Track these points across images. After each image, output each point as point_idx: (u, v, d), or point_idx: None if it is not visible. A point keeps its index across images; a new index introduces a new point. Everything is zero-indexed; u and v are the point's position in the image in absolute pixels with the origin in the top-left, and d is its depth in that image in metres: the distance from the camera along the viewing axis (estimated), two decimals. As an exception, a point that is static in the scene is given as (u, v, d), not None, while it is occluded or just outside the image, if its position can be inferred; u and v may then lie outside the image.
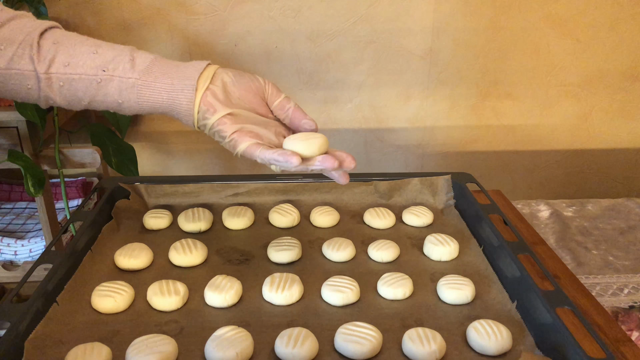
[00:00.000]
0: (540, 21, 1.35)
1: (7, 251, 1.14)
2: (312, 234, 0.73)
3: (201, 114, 0.56)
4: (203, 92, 0.56)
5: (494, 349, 0.51)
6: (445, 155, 1.50)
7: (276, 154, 0.52)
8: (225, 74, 0.58)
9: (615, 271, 0.98)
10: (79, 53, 0.55)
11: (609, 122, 1.48)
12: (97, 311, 0.57)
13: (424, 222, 0.75)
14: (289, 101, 0.60)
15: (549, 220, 1.16)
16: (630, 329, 0.83)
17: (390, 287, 0.60)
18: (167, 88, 0.55)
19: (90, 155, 1.09)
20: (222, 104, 0.56)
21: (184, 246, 0.66)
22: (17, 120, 1.01)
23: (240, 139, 0.55)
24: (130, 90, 0.55)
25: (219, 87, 0.57)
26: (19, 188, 1.33)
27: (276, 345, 0.51)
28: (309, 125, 0.59)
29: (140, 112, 0.57)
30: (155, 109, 0.56)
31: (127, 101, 0.55)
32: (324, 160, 0.52)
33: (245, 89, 0.58)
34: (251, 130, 0.56)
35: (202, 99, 0.55)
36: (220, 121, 0.55)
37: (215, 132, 0.56)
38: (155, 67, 0.55)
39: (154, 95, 0.55)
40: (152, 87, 0.55)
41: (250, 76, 0.59)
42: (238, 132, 0.55)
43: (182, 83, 0.55)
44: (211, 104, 0.55)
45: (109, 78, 0.54)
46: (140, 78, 0.55)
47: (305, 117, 0.59)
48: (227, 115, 0.56)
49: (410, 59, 1.37)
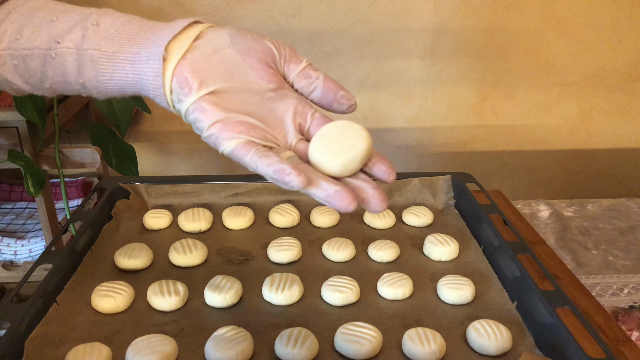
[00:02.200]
0: (540, 21, 1.35)
1: (7, 251, 1.14)
2: (312, 234, 0.73)
3: (175, 94, 0.40)
4: (177, 62, 0.40)
5: (494, 349, 0.51)
6: (445, 155, 1.50)
7: (271, 168, 0.37)
8: (218, 36, 0.42)
9: (615, 271, 0.98)
10: (33, 22, 0.42)
11: (609, 122, 1.48)
12: (97, 311, 0.57)
13: (424, 222, 0.75)
14: (314, 69, 0.44)
15: (549, 220, 1.16)
16: (630, 329, 0.83)
17: (390, 287, 0.60)
18: (131, 58, 0.41)
19: (90, 155, 1.09)
20: (202, 80, 0.40)
21: (184, 246, 0.66)
22: (17, 120, 1.01)
23: (223, 136, 0.39)
24: (89, 65, 0.41)
25: (203, 55, 0.41)
26: (18, 188, 1.33)
27: (276, 345, 0.51)
28: (346, 100, 0.43)
29: (109, 94, 0.43)
30: (123, 89, 0.42)
31: (88, 80, 0.42)
32: (334, 198, 0.37)
33: (247, 53, 0.42)
34: (241, 121, 0.40)
35: (176, 73, 0.40)
36: (197, 105, 0.40)
37: (191, 122, 0.41)
38: (121, 32, 0.41)
39: (116, 71, 0.41)
40: (113, 59, 0.41)
41: (255, 35, 0.43)
42: (221, 123, 0.40)
43: (149, 51, 0.40)
44: (186, 79, 0.40)
45: (64, 51, 0.41)
46: (101, 48, 0.41)
47: (341, 89, 0.43)
48: (207, 96, 0.40)
49: (410, 59, 1.37)
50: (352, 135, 0.40)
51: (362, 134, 0.40)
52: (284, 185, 0.37)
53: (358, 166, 0.39)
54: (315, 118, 0.43)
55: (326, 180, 0.38)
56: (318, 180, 0.38)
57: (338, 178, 0.39)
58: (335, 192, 0.37)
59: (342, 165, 0.39)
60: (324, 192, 0.37)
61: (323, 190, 0.37)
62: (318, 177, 0.38)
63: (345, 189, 0.37)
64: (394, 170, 0.40)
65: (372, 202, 0.38)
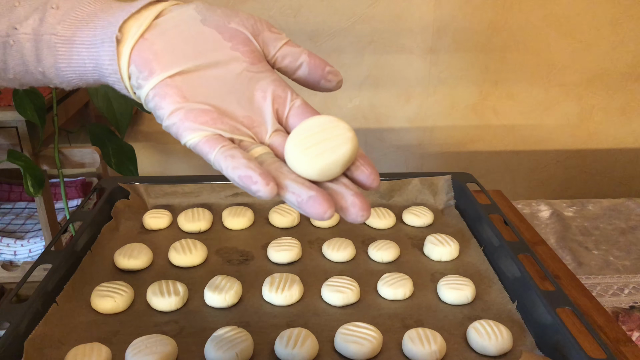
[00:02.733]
0: (541, 21, 1.35)
1: (6, 251, 1.13)
2: (312, 234, 0.73)
3: (134, 78, 0.36)
4: (135, 42, 0.36)
5: (494, 349, 0.51)
6: (445, 155, 1.50)
7: (236, 173, 0.33)
8: (183, 11, 0.38)
9: (616, 271, 0.97)
10: None
11: (609, 122, 1.48)
12: (97, 311, 0.57)
13: (424, 222, 0.75)
14: (296, 45, 0.40)
15: (550, 220, 1.16)
16: (631, 329, 0.82)
17: (390, 288, 0.60)
18: (87, 42, 0.37)
19: (89, 155, 1.09)
20: (164, 61, 0.35)
21: (184, 246, 0.66)
22: (16, 120, 1.01)
23: (185, 126, 0.35)
24: (47, 51, 0.37)
25: (166, 33, 0.36)
26: (18, 188, 1.33)
27: (276, 345, 0.51)
28: (334, 75, 0.40)
29: (71, 83, 0.39)
30: (83, 76, 0.38)
31: (48, 68, 0.38)
32: (307, 204, 0.33)
33: (218, 29, 0.37)
34: (206, 109, 0.35)
35: (134, 55, 0.36)
36: (157, 90, 0.35)
37: (152, 111, 0.37)
38: (80, 14, 0.37)
39: (73, 57, 0.37)
40: (70, 44, 0.37)
41: (227, 10, 0.39)
42: (183, 111, 0.35)
43: (104, 33, 0.36)
44: (146, 62, 0.35)
45: (22, 37, 0.37)
46: (57, 33, 0.37)
47: (327, 64, 0.40)
48: (169, 80, 0.35)
49: (410, 58, 1.37)
50: (336, 135, 0.35)
51: (347, 135, 0.35)
52: (252, 194, 0.33)
53: (339, 171, 0.35)
54: (296, 105, 0.39)
55: (300, 184, 0.34)
56: (290, 183, 0.34)
57: (316, 182, 0.35)
58: (310, 198, 0.32)
59: (321, 170, 0.34)
60: (296, 197, 0.33)
61: (296, 195, 0.33)
62: (291, 179, 0.34)
63: (320, 194, 0.33)
64: (378, 176, 0.36)
65: (351, 211, 0.34)
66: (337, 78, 0.40)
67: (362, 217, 0.34)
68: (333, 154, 0.34)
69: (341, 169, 0.35)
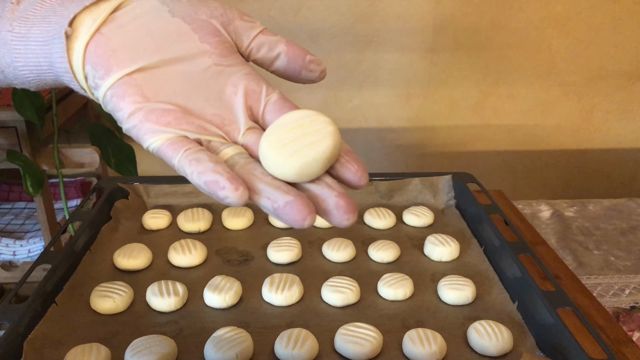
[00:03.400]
0: (541, 21, 1.35)
1: (5, 251, 1.13)
2: (312, 234, 0.73)
3: (91, 78, 0.33)
4: (89, 38, 0.32)
5: (495, 350, 0.51)
6: (445, 155, 1.50)
7: (202, 178, 0.30)
8: (145, 2, 0.34)
9: (617, 272, 0.97)
10: None
11: (610, 122, 1.48)
12: (96, 312, 0.57)
13: (425, 223, 0.75)
14: (272, 33, 0.37)
15: (550, 220, 1.16)
16: (632, 329, 0.82)
17: (390, 288, 0.60)
18: (41, 39, 0.33)
19: (89, 155, 1.08)
20: (123, 57, 0.32)
21: (184, 246, 0.66)
22: (15, 120, 1.00)
23: (146, 128, 0.32)
24: (3, 50, 0.34)
25: (125, 26, 0.33)
26: (17, 188, 1.33)
27: (276, 346, 0.51)
28: (316, 65, 0.37)
29: (32, 83, 0.35)
30: (40, 76, 0.34)
31: (7, 67, 0.34)
32: (284, 211, 0.29)
33: (184, 19, 0.34)
34: (169, 109, 0.32)
35: (88, 52, 0.32)
36: (115, 90, 0.32)
37: (111, 113, 0.33)
38: (39, 9, 0.34)
39: (28, 55, 0.34)
40: (25, 41, 0.33)
41: (194, 0, 0.36)
42: (144, 112, 0.32)
43: (57, 27, 0.33)
44: (102, 59, 0.32)
45: None
46: (14, 29, 0.33)
47: (308, 53, 0.37)
48: (128, 78, 0.32)
49: (410, 58, 1.37)
50: (315, 130, 0.31)
51: (327, 130, 0.31)
52: (220, 201, 0.29)
53: (320, 170, 0.31)
54: (272, 100, 0.35)
55: (275, 187, 0.30)
56: (265, 187, 0.30)
57: (295, 184, 0.31)
58: (287, 203, 0.29)
59: (299, 169, 0.30)
60: (272, 203, 0.30)
61: (271, 200, 0.30)
62: (266, 183, 0.30)
63: (299, 199, 0.29)
64: (366, 172, 0.32)
65: (335, 214, 0.30)
66: (319, 67, 0.37)
67: (348, 220, 0.30)
68: (312, 151, 0.30)
69: (322, 167, 0.31)
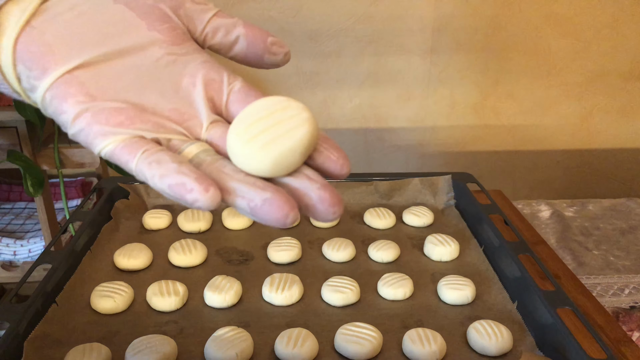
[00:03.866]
0: (541, 21, 1.35)
1: (6, 251, 1.13)
2: (312, 234, 0.73)
3: (24, 79, 0.28)
4: (17, 34, 0.27)
5: (495, 350, 0.51)
6: (445, 155, 1.50)
7: (165, 182, 0.26)
8: None
9: (616, 271, 0.97)
10: None
11: (609, 122, 1.48)
12: (97, 311, 0.57)
13: (425, 222, 0.75)
14: (229, 15, 0.33)
15: (550, 220, 1.16)
16: (631, 329, 0.82)
17: (390, 288, 0.60)
18: None
19: (89, 155, 1.08)
20: (61, 52, 0.28)
21: (184, 246, 0.66)
22: (16, 120, 1.00)
23: (95, 131, 0.27)
24: None
25: (59, 17, 0.28)
26: (18, 188, 1.33)
27: (276, 345, 0.51)
28: (279, 47, 0.33)
29: None
30: None
31: None
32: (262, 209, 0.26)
33: (129, 5, 0.30)
34: (120, 107, 0.28)
35: (19, 49, 0.28)
36: (55, 91, 0.28)
37: (53, 117, 0.29)
38: None
39: None
40: None
41: None
42: (91, 113, 0.28)
43: None
44: (36, 55, 0.28)
45: None
46: None
47: (269, 34, 0.33)
48: (69, 76, 0.28)
49: (410, 58, 1.37)
50: (288, 117, 0.28)
51: (303, 116, 0.28)
52: (189, 205, 0.26)
53: (298, 161, 0.28)
54: (235, 89, 0.31)
55: (250, 184, 0.27)
56: (239, 185, 0.27)
57: (271, 179, 0.28)
58: (264, 201, 0.26)
59: (275, 162, 0.27)
60: (247, 202, 0.26)
61: (247, 200, 0.26)
62: (239, 180, 0.27)
63: (278, 195, 0.26)
64: (348, 160, 0.29)
65: (319, 208, 0.27)
66: (283, 50, 0.33)
67: (334, 213, 0.27)
68: (288, 141, 0.27)
69: (300, 157, 0.28)
